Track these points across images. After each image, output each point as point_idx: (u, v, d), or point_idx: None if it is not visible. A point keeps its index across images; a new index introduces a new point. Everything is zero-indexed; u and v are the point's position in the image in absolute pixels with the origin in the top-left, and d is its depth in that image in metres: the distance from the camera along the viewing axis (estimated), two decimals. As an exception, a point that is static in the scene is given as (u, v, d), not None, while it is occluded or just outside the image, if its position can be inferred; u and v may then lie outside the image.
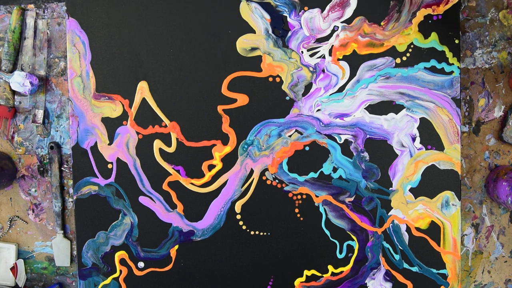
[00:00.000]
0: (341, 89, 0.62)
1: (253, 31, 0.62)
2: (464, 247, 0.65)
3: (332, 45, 0.61)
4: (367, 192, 0.62)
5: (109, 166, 0.64)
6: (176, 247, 0.64)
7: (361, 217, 0.63)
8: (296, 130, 0.63)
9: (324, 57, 0.62)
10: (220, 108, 0.63)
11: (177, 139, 0.64)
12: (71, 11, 0.63)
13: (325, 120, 0.62)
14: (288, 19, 0.61)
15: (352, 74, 0.62)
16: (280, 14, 0.61)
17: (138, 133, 0.64)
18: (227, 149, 0.63)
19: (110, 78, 0.63)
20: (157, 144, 0.64)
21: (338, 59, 0.62)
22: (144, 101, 0.63)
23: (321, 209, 0.63)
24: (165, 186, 0.64)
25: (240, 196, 0.64)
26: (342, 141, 0.62)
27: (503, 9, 0.62)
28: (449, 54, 0.61)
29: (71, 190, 0.67)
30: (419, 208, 0.62)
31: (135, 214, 0.64)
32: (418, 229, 0.62)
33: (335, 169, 0.63)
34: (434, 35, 0.61)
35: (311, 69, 0.62)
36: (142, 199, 0.64)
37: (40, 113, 0.66)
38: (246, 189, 0.64)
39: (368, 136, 0.62)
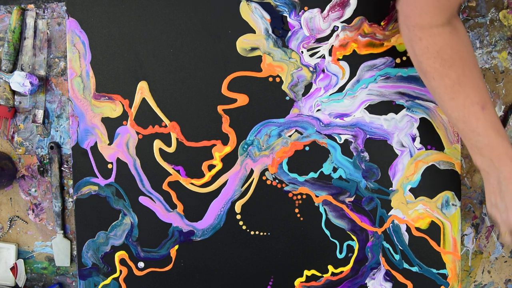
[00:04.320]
0: (341, 89, 0.62)
1: (253, 31, 0.62)
2: (464, 247, 0.65)
3: (332, 45, 0.61)
4: (367, 192, 0.62)
5: (109, 166, 0.64)
6: (176, 247, 0.64)
7: (361, 217, 0.63)
8: (296, 130, 0.63)
9: (324, 57, 0.62)
10: (220, 108, 0.63)
11: (177, 139, 0.64)
12: (71, 11, 0.63)
13: (325, 120, 0.62)
14: (288, 19, 0.61)
15: (352, 74, 0.62)
16: (280, 14, 0.61)
17: (138, 133, 0.64)
18: (227, 149, 0.63)
19: (110, 78, 0.63)
20: (157, 144, 0.64)
21: (338, 59, 0.62)
22: (144, 101, 0.63)
23: (321, 209, 0.63)
24: (165, 186, 0.64)
25: (240, 196, 0.64)
26: (342, 141, 0.62)
27: (503, 9, 0.62)
28: (449, 54, 0.61)
29: (71, 190, 0.67)
30: (419, 208, 0.62)
31: (135, 214, 0.64)
32: (418, 229, 0.62)
33: (335, 169, 0.63)
34: (434, 35, 0.61)
35: (311, 69, 0.62)
36: (142, 199, 0.64)
37: (40, 113, 0.66)
38: (246, 189, 0.64)
39: (368, 136, 0.62)
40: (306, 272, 0.64)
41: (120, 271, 0.65)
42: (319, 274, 0.64)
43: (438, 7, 0.46)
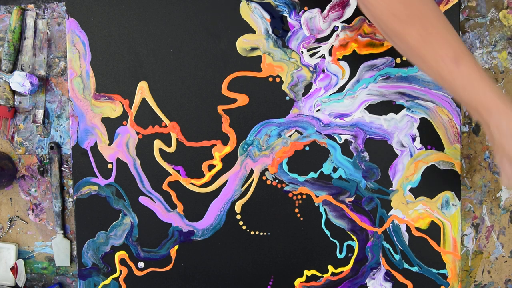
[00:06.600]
0: (341, 89, 0.62)
1: (253, 31, 0.62)
2: (464, 247, 0.65)
3: (332, 45, 0.61)
4: (367, 192, 0.62)
5: (109, 166, 0.64)
6: (176, 247, 0.64)
7: (361, 217, 0.63)
8: (296, 130, 0.63)
9: (324, 57, 0.62)
10: (220, 108, 0.63)
11: (177, 139, 0.64)
12: (71, 11, 0.63)
13: (325, 120, 0.62)
14: (288, 19, 0.61)
15: (352, 74, 0.62)
16: (280, 14, 0.61)
17: (138, 133, 0.64)
18: (227, 149, 0.63)
19: (110, 78, 0.63)
20: (157, 144, 0.64)
21: (338, 59, 0.62)
22: (144, 101, 0.63)
23: (321, 209, 0.63)
24: (165, 186, 0.64)
25: (240, 196, 0.64)
26: (342, 141, 0.62)
27: (503, 9, 0.62)
28: (449, 54, 0.61)
29: (71, 190, 0.67)
30: (419, 208, 0.62)
31: (135, 214, 0.64)
32: (418, 229, 0.62)
33: (335, 169, 0.63)
34: (434, 35, 0.60)
35: (311, 69, 0.62)
36: (142, 199, 0.64)
37: (40, 113, 0.66)
38: (246, 189, 0.64)
39: (368, 136, 0.62)
40: (306, 272, 0.64)
41: (120, 271, 0.65)
42: (319, 274, 0.64)
43: None
